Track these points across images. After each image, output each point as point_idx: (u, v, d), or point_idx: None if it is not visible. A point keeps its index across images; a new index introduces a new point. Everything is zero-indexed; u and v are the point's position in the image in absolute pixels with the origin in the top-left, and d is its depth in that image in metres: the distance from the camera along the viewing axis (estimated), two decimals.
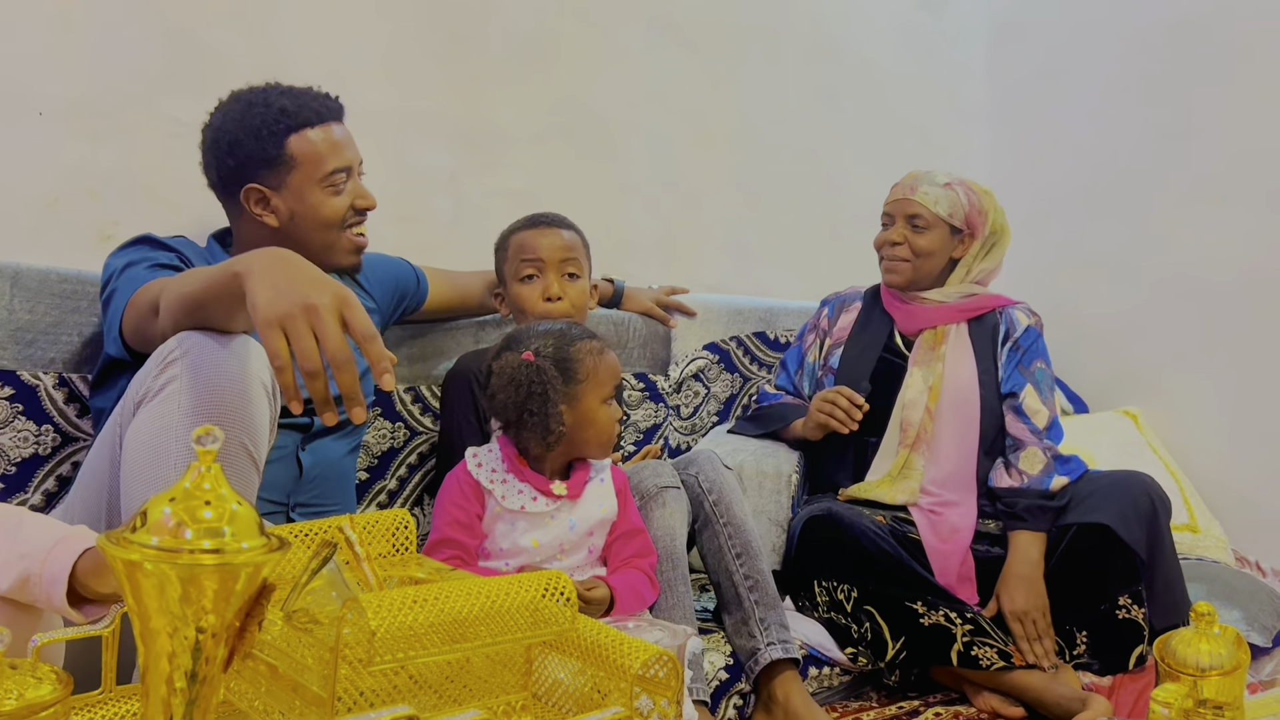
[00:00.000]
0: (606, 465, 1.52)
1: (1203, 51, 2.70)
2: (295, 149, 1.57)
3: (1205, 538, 2.41)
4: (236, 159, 1.57)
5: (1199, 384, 2.69)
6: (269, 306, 1.07)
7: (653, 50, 2.54)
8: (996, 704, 1.76)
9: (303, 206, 1.59)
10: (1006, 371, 2.07)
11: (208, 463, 0.75)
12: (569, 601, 0.90)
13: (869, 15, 3.00)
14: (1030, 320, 2.12)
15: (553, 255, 1.82)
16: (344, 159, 1.62)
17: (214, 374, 1.19)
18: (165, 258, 1.48)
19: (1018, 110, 3.20)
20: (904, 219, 2.07)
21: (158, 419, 1.18)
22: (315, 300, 1.07)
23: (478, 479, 1.45)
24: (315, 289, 1.08)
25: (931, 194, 2.06)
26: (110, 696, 0.96)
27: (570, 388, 1.45)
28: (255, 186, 1.58)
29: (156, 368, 1.21)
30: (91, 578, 1.00)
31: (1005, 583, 1.86)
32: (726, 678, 1.60)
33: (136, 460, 1.19)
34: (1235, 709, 1.15)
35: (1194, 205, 2.72)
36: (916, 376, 2.05)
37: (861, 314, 2.20)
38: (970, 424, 2.02)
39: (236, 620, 0.75)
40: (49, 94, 1.72)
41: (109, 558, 0.71)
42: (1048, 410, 2.03)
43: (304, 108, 1.60)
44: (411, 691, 0.88)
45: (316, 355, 1.06)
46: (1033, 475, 1.96)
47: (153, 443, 1.18)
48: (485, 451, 1.50)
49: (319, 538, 1.07)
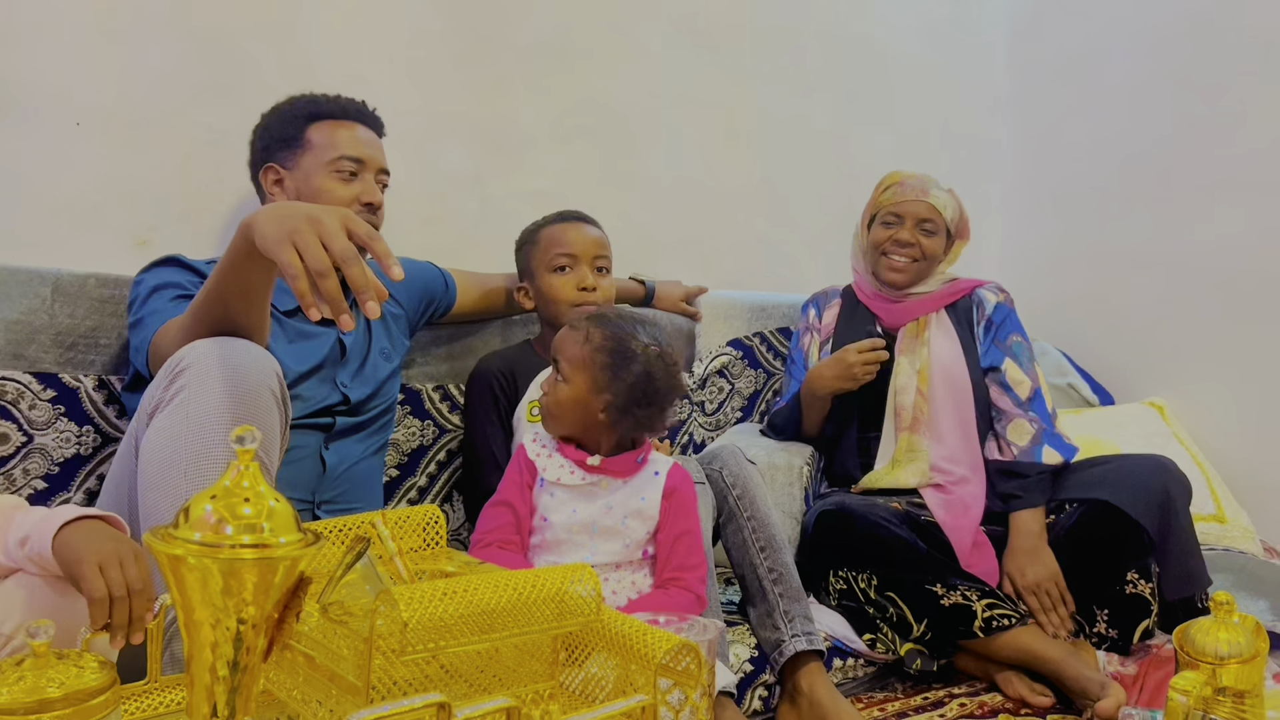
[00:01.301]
0: (665, 461, 1.52)
1: (1225, 41, 2.69)
2: (312, 134, 1.68)
3: (1233, 528, 2.41)
4: (264, 141, 1.69)
5: (1225, 375, 2.68)
6: (277, 228, 1.12)
7: (674, 50, 2.56)
8: (1025, 692, 1.77)
9: (308, 188, 1.66)
10: (984, 347, 2.13)
11: (246, 461, 0.78)
12: (594, 593, 0.93)
13: (889, 10, 3.00)
14: (999, 297, 2.18)
15: (586, 249, 1.87)
16: (357, 151, 1.69)
17: (222, 383, 1.21)
18: (191, 283, 1.52)
19: (1040, 102, 3.20)
20: (915, 221, 2.12)
21: (168, 428, 1.21)
22: (319, 214, 1.13)
23: (528, 452, 1.49)
24: (317, 210, 1.14)
25: (941, 199, 2.13)
26: (156, 686, 1.00)
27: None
28: (273, 166, 1.68)
29: (166, 378, 1.23)
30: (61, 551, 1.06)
31: (1012, 559, 1.91)
32: (751, 669, 1.61)
33: (149, 469, 1.22)
34: (1255, 697, 1.16)
35: (1218, 196, 2.70)
36: (904, 364, 2.10)
37: (843, 311, 2.27)
38: (964, 398, 2.08)
39: (275, 612, 0.78)
40: (86, 104, 1.76)
41: (154, 553, 0.75)
42: (1030, 380, 2.08)
43: (332, 103, 1.70)
44: (443, 681, 0.91)
45: (325, 257, 1.10)
46: (1022, 446, 2.01)
47: (163, 452, 1.21)
48: (544, 431, 1.53)
49: (353, 533, 1.10)
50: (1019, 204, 3.18)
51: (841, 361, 2.05)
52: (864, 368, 2.04)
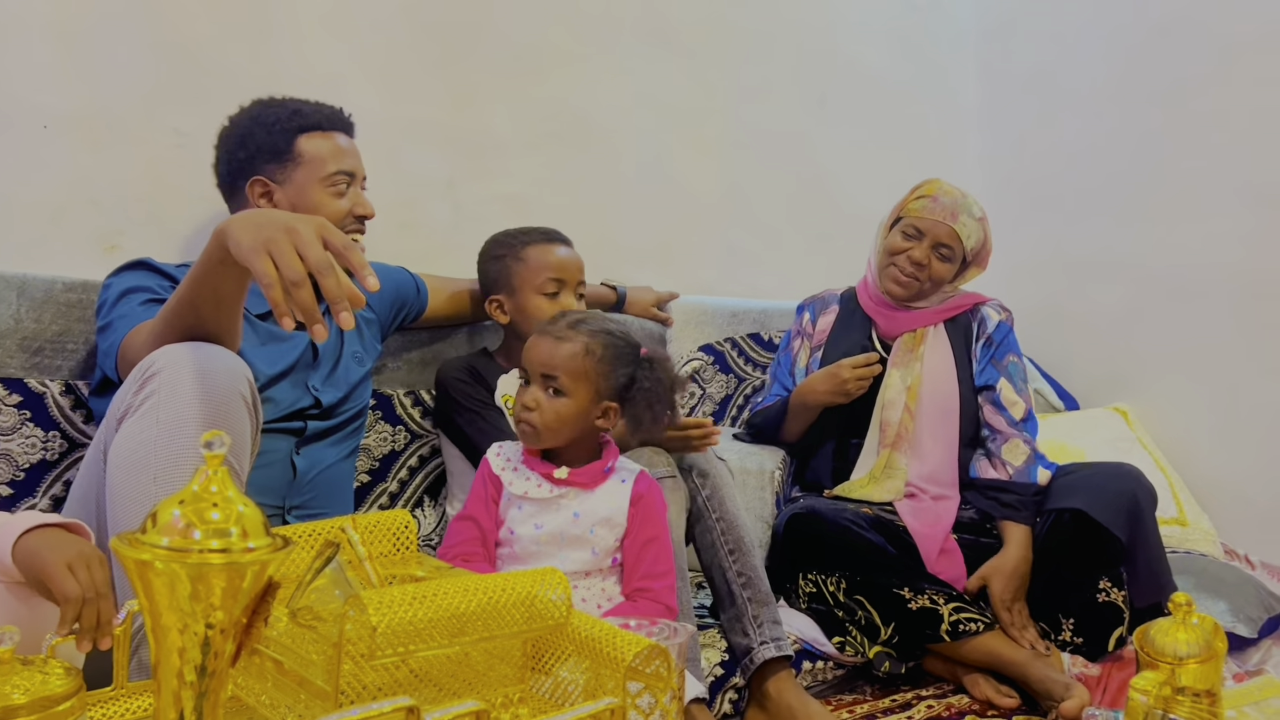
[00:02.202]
0: (633, 469, 1.51)
1: (1192, 52, 2.73)
2: (303, 147, 1.66)
3: (1194, 531, 2.45)
4: (247, 151, 1.65)
5: (1188, 381, 2.72)
6: (254, 236, 1.12)
7: (645, 56, 2.57)
8: (991, 693, 1.79)
9: (304, 203, 1.65)
10: (980, 365, 2.12)
11: (215, 466, 0.78)
12: (564, 597, 0.93)
13: (859, 18, 3.03)
14: (1001, 316, 2.16)
15: (574, 275, 1.89)
16: (348, 164, 1.69)
17: (193, 388, 1.21)
18: (160, 286, 1.51)
19: (1008, 111, 3.23)
20: (934, 242, 2.07)
21: (138, 434, 1.20)
22: (295, 224, 1.13)
23: (493, 466, 1.49)
24: (294, 219, 1.14)
25: (969, 227, 2.08)
26: (123, 693, 0.99)
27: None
28: (260, 179, 1.65)
29: (136, 383, 1.23)
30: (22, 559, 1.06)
31: (999, 574, 1.89)
32: (722, 673, 1.62)
33: (117, 475, 1.21)
34: (1212, 696, 1.18)
35: (1183, 204, 2.75)
36: (895, 377, 2.08)
37: (840, 317, 2.23)
38: (950, 421, 2.06)
39: (244, 617, 0.78)
40: (53, 107, 1.75)
41: (121, 559, 0.75)
42: (1023, 402, 2.07)
43: (316, 112, 1.69)
44: (413, 685, 0.91)
45: (300, 266, 1.10)
46: (1018, 467, 2.01)
47: (132, 457, 1.20)
48: (510, 443, 1.53)
49: (323, 538, 1.10)
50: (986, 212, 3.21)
51: (835, 376, 2.04)
52: (857, 383, 2.03)
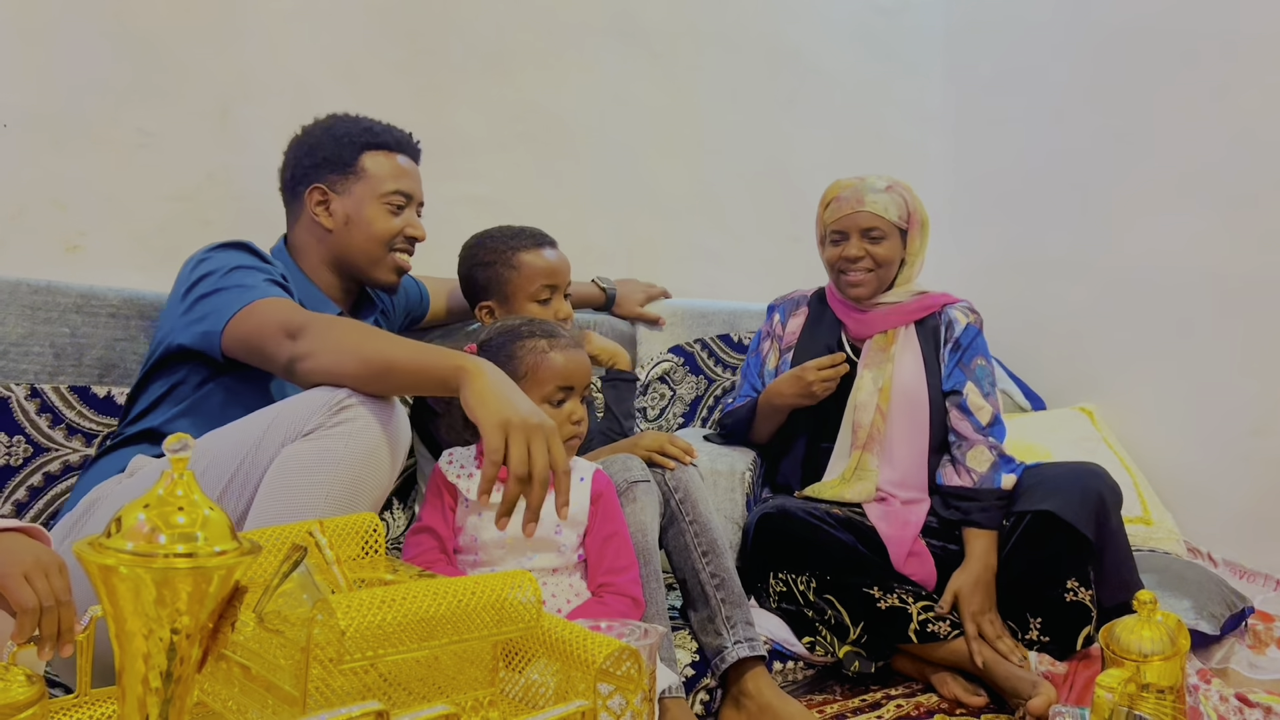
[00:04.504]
0: (588, 467, 1.52)
1: (1156, 55, 2.77)
2: (367, 163, 1.69)
3: (1158, 530, 2.48)
4: (314, 159, 1.68)
5: (1153, 381, 2.75)
6: (500, 411, 1.24)
7: (614, 57, 2.58)
8: (960, 692, 1.80)
9: (359, 216, 1.67)
10: (948, 369, 2.09)
11: (180, 470, 0.77)
12: (534, 599, 0.93)
13: (826, 20, 3.05)
14: (970, 318, 2.13)
15: (565, 279, 1.89)
16: (407, 185, 1.72)
17: (378, 437, 1.33)
18: (273, 273, 1.55)
19: (974, 113, 3.27)
20: (858, 233, 2.06)
21: (321, 452, 1.29)
22: (543, 422, 1.24)
23: (446, 474, 1.47)
24: (539, 415, 1.26)
25: (880, 201, 2.06)
26: (86, 700, 0.98)
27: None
28: (320, 187, 1.67)
29: (328, 409, 1.31)
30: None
31: (966, 585, 1.88)
32: (693, 674, 1.62)
33: (285, 476, 1.30)
34: (1175, 693, 1.20)
35: (1147, 206, 2.78)
36: (867, 378, 2.07)
37: (810, 318, 2.22)
38: (920, 423, 2.05)
39: (210, 622, 0.77)
40: (14, 105, 1.73)
41: (85, 563, 0.74)
42: (990, 407, 2.05)
43: (386, 133, 1.72)
44: (382, 690, 0.91)
45: (530, 464, 1.21)
46: (982, 473, 1.99)
47: (303, 469, 1.29)
48: (460, 449, 1.52)
49: (290, 542, 1.09)
50: (952, 212, 3.23)
51: (800, 380, 2.03)
52: (823, 385, 2.02)
